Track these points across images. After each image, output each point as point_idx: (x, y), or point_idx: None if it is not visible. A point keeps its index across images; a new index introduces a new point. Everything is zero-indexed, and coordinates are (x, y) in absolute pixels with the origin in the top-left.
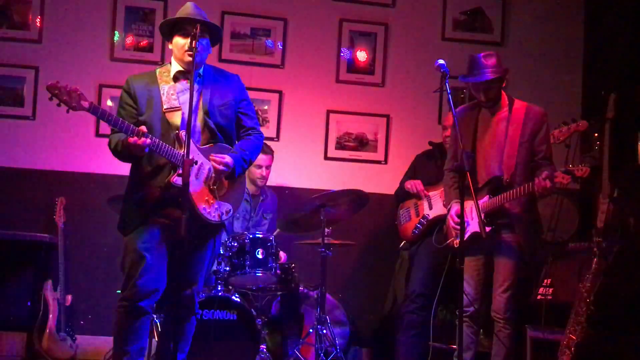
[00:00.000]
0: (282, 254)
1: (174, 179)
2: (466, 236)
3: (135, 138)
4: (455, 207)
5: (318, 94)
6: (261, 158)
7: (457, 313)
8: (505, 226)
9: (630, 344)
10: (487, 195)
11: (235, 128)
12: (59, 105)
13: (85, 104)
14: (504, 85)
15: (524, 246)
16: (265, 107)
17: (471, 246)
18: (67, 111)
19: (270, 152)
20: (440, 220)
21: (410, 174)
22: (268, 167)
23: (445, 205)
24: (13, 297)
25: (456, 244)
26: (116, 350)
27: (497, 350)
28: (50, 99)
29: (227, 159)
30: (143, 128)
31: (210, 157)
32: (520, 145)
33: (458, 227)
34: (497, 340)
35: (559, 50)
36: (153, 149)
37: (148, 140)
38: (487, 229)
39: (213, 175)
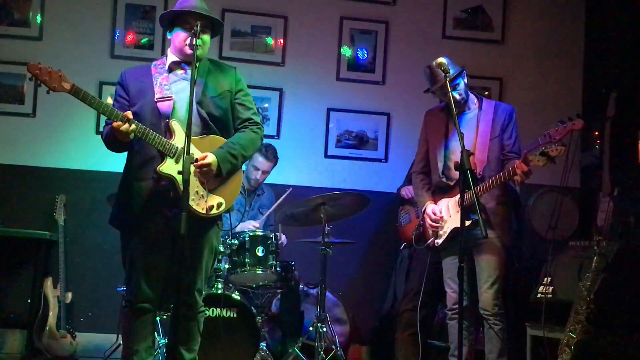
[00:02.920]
0: (282, 236)
1: (161, 168)
2: (446, 233)
3: (120, 122)
4: (430, 206)
5: (318, 91)
6: (260, 161)
7: (446, 311)
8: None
9: (630, 342)
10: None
11: (233, 120)
12: (39, 85)
13: (67, 86)
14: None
15: (503, 239)
16: (266, 105)
17: (451, 244)
18: (48, 92)
19: (272, 158)
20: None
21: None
22: (265, 172)
23: (418, 207)
24: (13, 294)
25: (436, 243)
26: (126, 349)
27: (490, 347)
28: (31, 79)
29: (208, 159)
30: (128, 114)
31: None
32: (492, 140)
33: (435, 224)
34: (489, 337)
35: (559, 48)
36: (140, 137)
37: (132, 126)
38: (467, 222)
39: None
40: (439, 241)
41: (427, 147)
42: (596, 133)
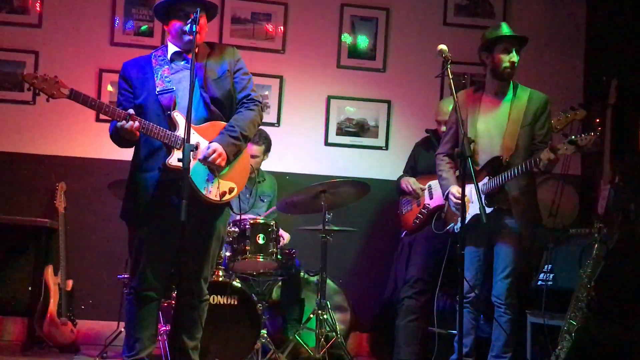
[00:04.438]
0: (285, 235)
1: (169, 161)
2: (467, 219)
3: (123, 122)
4: (455, 187)
5: (319, 79)
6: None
7: (457, 299)
8: (506, 212)
9: (631, 329)
10: (487, 177)
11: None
12: (37, 94)
13: (65, 91)
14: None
15: (522, 229)
16: (266, 93)
17: (472, 234)
18: (47, 100)
19: (258, 141)
20: (441, 209)
21: (411, 163)
22: (254, 157)
23: (442, 190)
24: (14, 282)
25: (455, 229)
26: (128, 336)
27: (497, 335)
28: (29, 89)
29: (214, 146)
30: (131, 111)
31: (199, 159)
32: (522, 128)
33: (460, 204)
34: (497, 325)
35: (561, 35)
36: (143, 132)
37: (136, 124)
38: (488, 210)
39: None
40: (459, 227)
41: (456, 129)
42: (597, 120)
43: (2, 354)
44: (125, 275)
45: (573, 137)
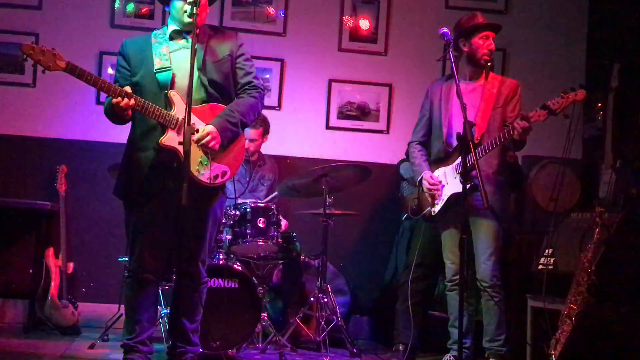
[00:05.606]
0: (283, 221)
1: (163, 141)
2: (443, 200)
3: (119, 99)
4: (428, 173)
5: (320, 62)
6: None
7: (446, 282)
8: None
9: (632, 313)
10: (459, 157)
11: (234, 85)
12: (34, 66)
13: (62, 64)
14: None
15: (497, 208)
16: (267, 76)
17: (450, 215)
18: (43, 71)
19: (256, 125)
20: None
21: None
22: (253, 140)
23: (415, 177)
24: (15, 264)
25: (432, 212)
26: (128, 319)
27: (488, 319)
28: (25, 59)
29: (208, 130)
30: (127, 89)
31: (192, 140)
32: (494, 109)
33: (433, 188)
34: (487, 309)
35: (563, 19)
36: (139, 111)
37: (132, 101)
38: (457, 189)
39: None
40: (436, 209)
41: (428, 117)
42: (599, 105)
43: (3, 336)
44: (126, 258)
45: (545, 102)
